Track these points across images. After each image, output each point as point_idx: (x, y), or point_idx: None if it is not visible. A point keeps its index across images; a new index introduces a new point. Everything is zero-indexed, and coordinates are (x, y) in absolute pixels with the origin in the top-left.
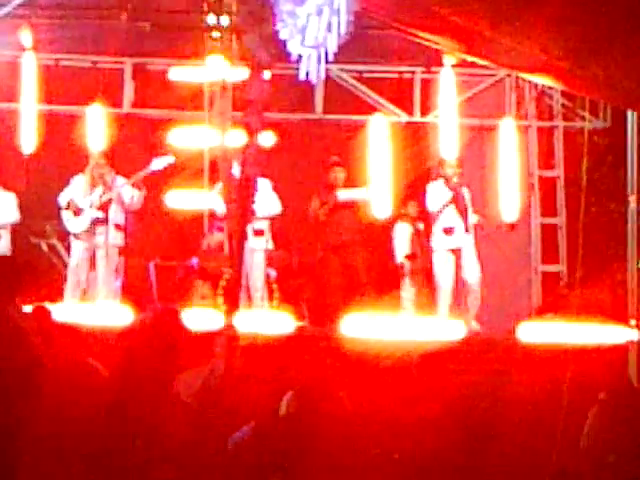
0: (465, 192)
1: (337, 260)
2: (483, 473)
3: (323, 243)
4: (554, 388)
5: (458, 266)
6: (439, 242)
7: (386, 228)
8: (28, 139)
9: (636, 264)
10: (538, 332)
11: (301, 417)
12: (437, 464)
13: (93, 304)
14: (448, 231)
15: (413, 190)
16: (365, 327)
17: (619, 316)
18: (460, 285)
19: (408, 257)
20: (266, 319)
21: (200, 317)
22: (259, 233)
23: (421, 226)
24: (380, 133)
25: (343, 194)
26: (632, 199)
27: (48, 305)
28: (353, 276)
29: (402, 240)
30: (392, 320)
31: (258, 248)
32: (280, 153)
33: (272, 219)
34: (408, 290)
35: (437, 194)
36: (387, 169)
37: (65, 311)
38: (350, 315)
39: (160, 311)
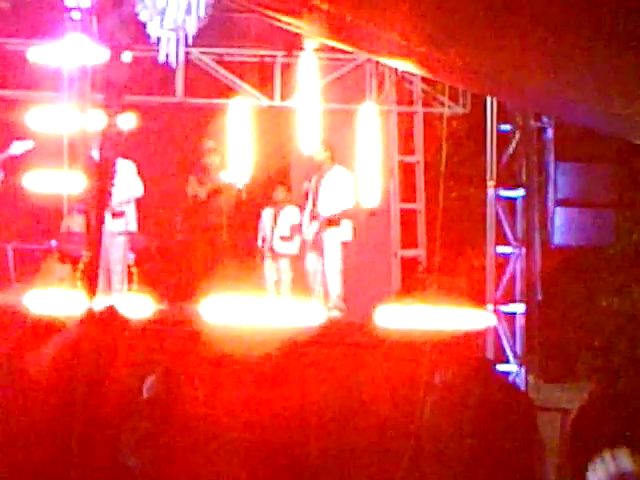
0: (336, 176)
1: (199, 243)
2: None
3: (189, 225)
4: (410, 373)
5: (321, 252)
6: (304, 229)
7: (250, 212)
8: None
9: None
10: (395, 316)
11: (162, 401)
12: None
13: None
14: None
15: (280, 175)
16: (226, 310)
17: (477, 301)
18: (322, 270)
19: (281, 238)
20: (125, 302)
21: (58, 300)
22: (118, 215)
23: (292, 211)
24: (240, 117)
25: (192, 188)
26: (490, 185)
27: None
28: (217, 258)
29: (266, 224)
30: (252, 303)
31: (117, 231)
32: (141, 136)
33: (135, 201)
34: (270, 273)
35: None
36: (249, 152)
37: None
38: (210, 298)
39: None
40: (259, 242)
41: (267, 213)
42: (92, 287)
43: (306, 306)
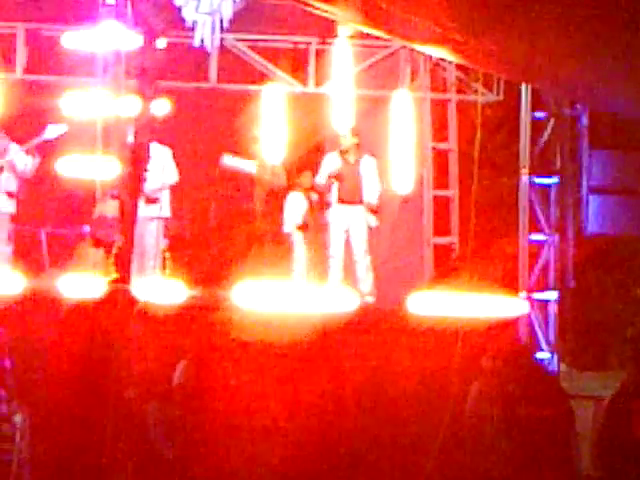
0: (365, 163)
1: (232, 229)
2: (372, 447)
3: (218, 212)
4: (444, 360)
5: (349, 237)
6: (328, 215)
7: (281, 197)
8: None
9: None
10: (428, 304)
11: (193, 387)
12: (321, 440)
13: None
14: (330, 206)
15: (308, 160)
16: (257, 297)
17: (510, 289)
18: (352, 256)
19: (299, 227)
20: (159, 287)
21: (92, 284)
22: (152, 201)
23: (314, 197)
24: (274, 103)
25: (228, 159)
26: (524, 172)
27: None
28: (246, 245)
29: (293, 210)
30: (284, 289)
31: (151, 216)
32: (175, 122)
33: (170, 187)
34: (299, 260)
35: (329, 166)
36: (281, 139)
37: None
38: (243, 284)
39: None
40: (285, 227)
41: (293, 197)
42: (125, 272)
43: (338, 292)
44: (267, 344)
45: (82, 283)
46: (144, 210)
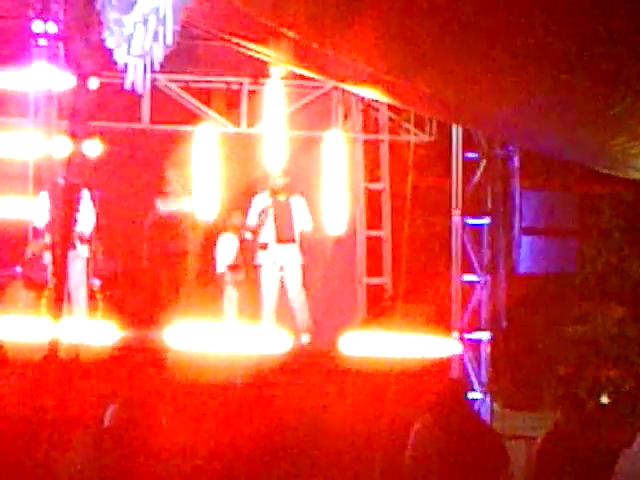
0: (295, 202)
1: (164, 269)
2: None
3: (150, 252)
4: (377, 401)
5: (283, 276)
6: (260, 256)
7: (211, 238)
8: None
9: None
10: (361, 344)
11: (123, 430)
12: None
13: None
14: (264, 247)
15: (240, 200)
16: (189, 337)
17: (443, 329)
18: (285, 297)
19: (229, 268)
20: (89, 329)
21: (24, 326)
22: (83, 241)
23: (248, 236)
24: (206, 143)
25: (164, 205)
26: (456, 213)
27: None
28: (178, 286)
29: (224, 250)
30: (216, 330)
31: (82, 256)
32: (107, 162)
33: (97, 228)
34: (231, 301)
35: (259, 207)
36: (214, 179)
37: None
38: (175, 325)
39: None
40: (218, 267)
41: (224, 238)
42: (58, 313)
43: (271, 333)
44: (200, 385)
45: (15, 325)
46: (76, 251)
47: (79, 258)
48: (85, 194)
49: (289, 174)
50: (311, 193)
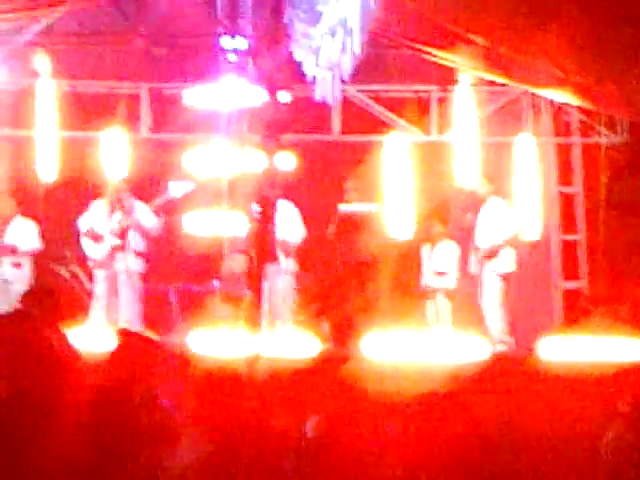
0: (497, 207)
1: (356, 280)
2: None
3: (341, 263)
4: (577, 406)
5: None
6: (472, 263)
7: (409, 248)
8: (46, 166)
9: None
10: (560, 349)
11: (325, 441)
12: None
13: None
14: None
15: (436, 209)
16: (388, 347)
17: None
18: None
19: (435, 275)
20: (290, 342)
21: (223, 340)
22: (288, 255)
23: (445, 245)
24: (397, 152)
25: (345, 207)
26: None
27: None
28: (373, 296)
29: (428, 259)
30: (415, 340)
31: (286, 270)
32: (299, 175)
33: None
34: (433, 309)
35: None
36: (405, 188)
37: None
38: (373, 335)
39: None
40: (425, 278)
41: (425, 249)
42: (255, 327)
43: (470, 341)
44: (399, 395)
45: (214, 339)
46: (275, 264)
47: (283, 272)
48: (291, 207)
49: (491, 181)
50: (504, 198)
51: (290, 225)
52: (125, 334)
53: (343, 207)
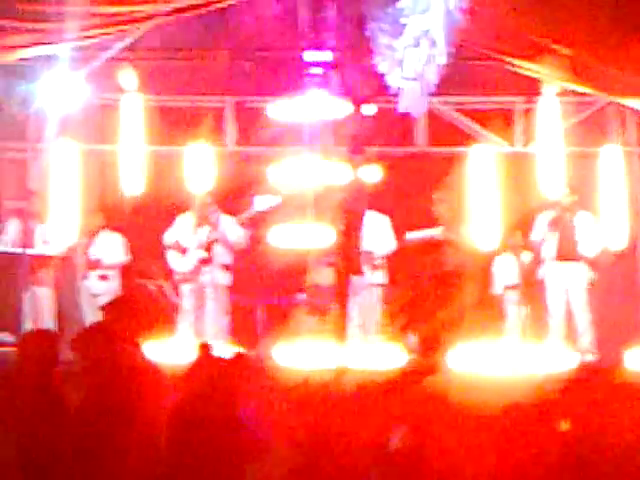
0: (581, 219)
1: (442, 293)
2: None
3: (427, 276)
4: None
5: (568, 295)
6: (546, 272)
7: (493, 259)
8: (132, 180)
9: None
10: None
11: (411, 453)
12: None
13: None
14: (546, 264)
15: (520, 220)
16: (474, 359)
17: None
18: (569, 314)
19: (510, 287)
20: (376, 353)
21: (310, 353)
22: (376, 268)
23: (526, 256)
24: (482, 164)
25: (411, 235)
26: None
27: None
28: (458, 308)
29: (503, 271)
30: (500, 351)
31: (374, 283)
32: (384, 187)
33: (386, 255)
34: (511, 321)
35: (543, 224)
36: (491, 200)
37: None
38: (458, 347)
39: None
40: (495, 289)
41: (502, 258)
42: (341, 339)
43: (554, 352)
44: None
45: (299, 351)
46: (365, 277)
47: (370, 284)
48: (382, 218)
49: (574, 191)
50: (589, 209)
51: (380, 236)
52: (205, 348)
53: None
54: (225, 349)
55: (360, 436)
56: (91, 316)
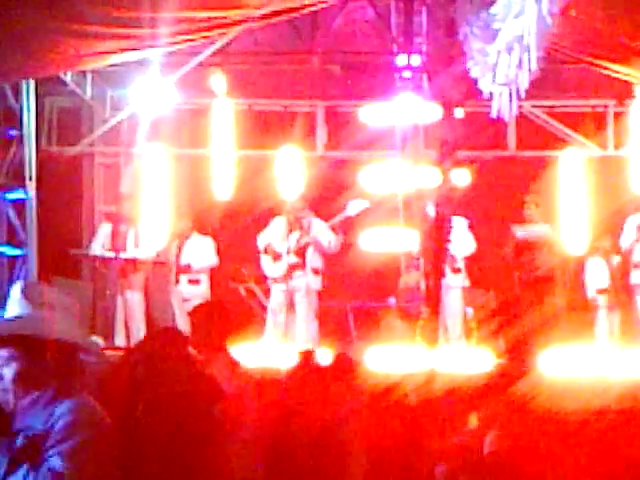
0: None
1: (533, 296)
2: None
3: (518, 280)
4: None
5: None
6: (635, 277)
7: (583, 263)
8: (223, 184)
9: None
10: None
11: (504, 457)
12: None
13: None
14: (638, 266)
15: (610, 224)
16: (564, 363)
17: None
18: None
19: (601, 291)
20: (465, 357)
21: (401, 357)
22: (456, 271)
23: (615, 260)
24: (573, 167)
25: (521, 231)
26: None
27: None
28: (549, 312)
29: (594, 274)
30: (591, 356)
31: (455, 286)
32: (475, 191)
33: (468, 257)
34: (602, 325)
35: (633, 227)
36: (582, 203)
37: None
38: (549, 351)
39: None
40: (588, 292)
41: (593, 262)
42: (433, 343)
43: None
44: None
45: (391, 355)
46: (449, 280)
47: (453, 287)
48: (462, 222)
49: None
50: None
51: (460, 239)
52: (307, 356)
53: (518, 230)
54: (325, 355)
55: (450, 440)
56: (182, 320)
